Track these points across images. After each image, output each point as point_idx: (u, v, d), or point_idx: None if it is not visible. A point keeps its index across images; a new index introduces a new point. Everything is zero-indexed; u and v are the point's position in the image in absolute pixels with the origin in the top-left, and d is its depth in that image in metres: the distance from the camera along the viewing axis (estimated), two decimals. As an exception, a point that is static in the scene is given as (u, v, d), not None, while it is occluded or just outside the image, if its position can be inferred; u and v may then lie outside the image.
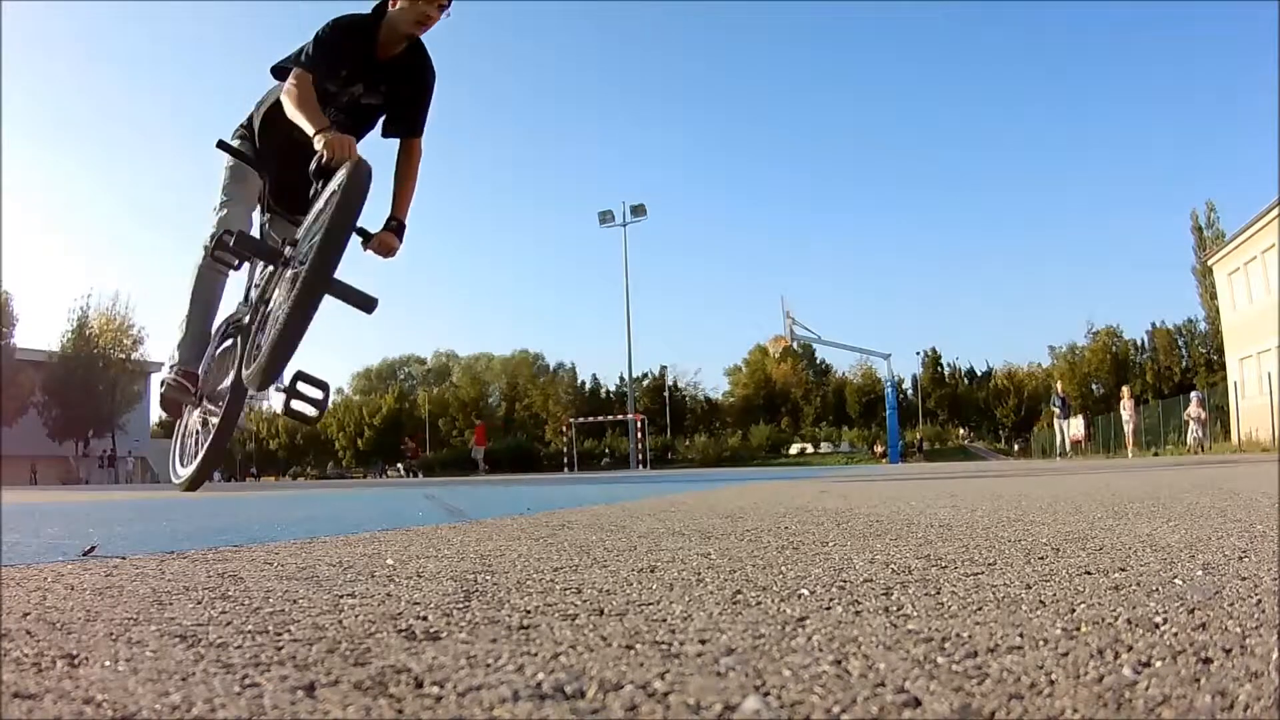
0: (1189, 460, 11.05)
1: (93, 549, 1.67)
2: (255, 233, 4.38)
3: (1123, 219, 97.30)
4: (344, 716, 0.54)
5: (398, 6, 3.84)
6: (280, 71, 4.03)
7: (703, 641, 0.74)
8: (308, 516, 2.95)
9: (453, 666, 0.66)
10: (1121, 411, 24.33)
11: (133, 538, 2.10)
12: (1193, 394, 24.27)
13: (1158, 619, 0.79)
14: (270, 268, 4.00)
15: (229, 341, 4.47)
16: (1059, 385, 26.50)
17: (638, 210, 42.49)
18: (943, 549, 1.40)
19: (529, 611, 0.91)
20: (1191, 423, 22.31)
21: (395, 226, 4.16)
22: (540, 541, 1.70)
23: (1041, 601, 0.90)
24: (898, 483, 4.87)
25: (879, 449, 48.77)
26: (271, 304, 3.78)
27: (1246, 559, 1.17)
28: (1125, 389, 26.00)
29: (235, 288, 4.54)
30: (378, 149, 4.07)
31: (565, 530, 1.97)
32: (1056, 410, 23.48)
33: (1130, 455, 21.65)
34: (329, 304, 3.49)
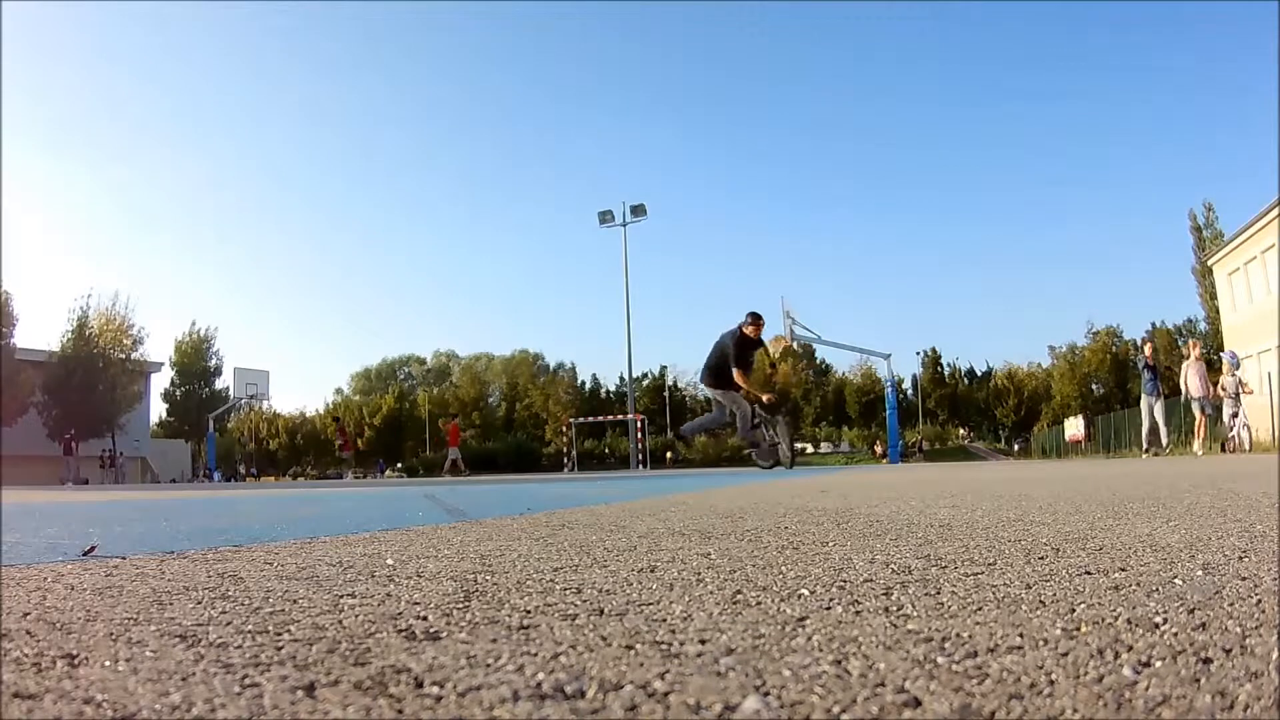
0: (1233, 461, 8.17)
1: (93, 549, 1.67)
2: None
3: (1123, 219, 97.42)
4: (344, 716, 0.54)
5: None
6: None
7: (703, 641, 0.74)
8: (308, 516, 2.95)
9: (453, 666, 0.66)
10: (1186, 384, 15.04)
11: (133, 538, 2.10)
12: (1225, 355, 16.25)
13: (1158, 619, 0.79)
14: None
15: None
16: (1148, 349, 15.90)
17: (638, 210, 42.43)
18: (943, 549, 1.40)
19: (529, 611, 0.91)
20: (1226, 402, 14.97)
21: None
22: (540, 541, 1.70)
23: (1041, 601, 0.90)
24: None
25: (879, 449, 48.78)
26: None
27: (1246, 559, 1.17)
28: (1191, 345, 16.19)
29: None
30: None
31: (565, 530, 1.97)
32: (1144, 379, 15.35)
33: (1199, 450, 14.19)
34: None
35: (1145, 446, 15.45)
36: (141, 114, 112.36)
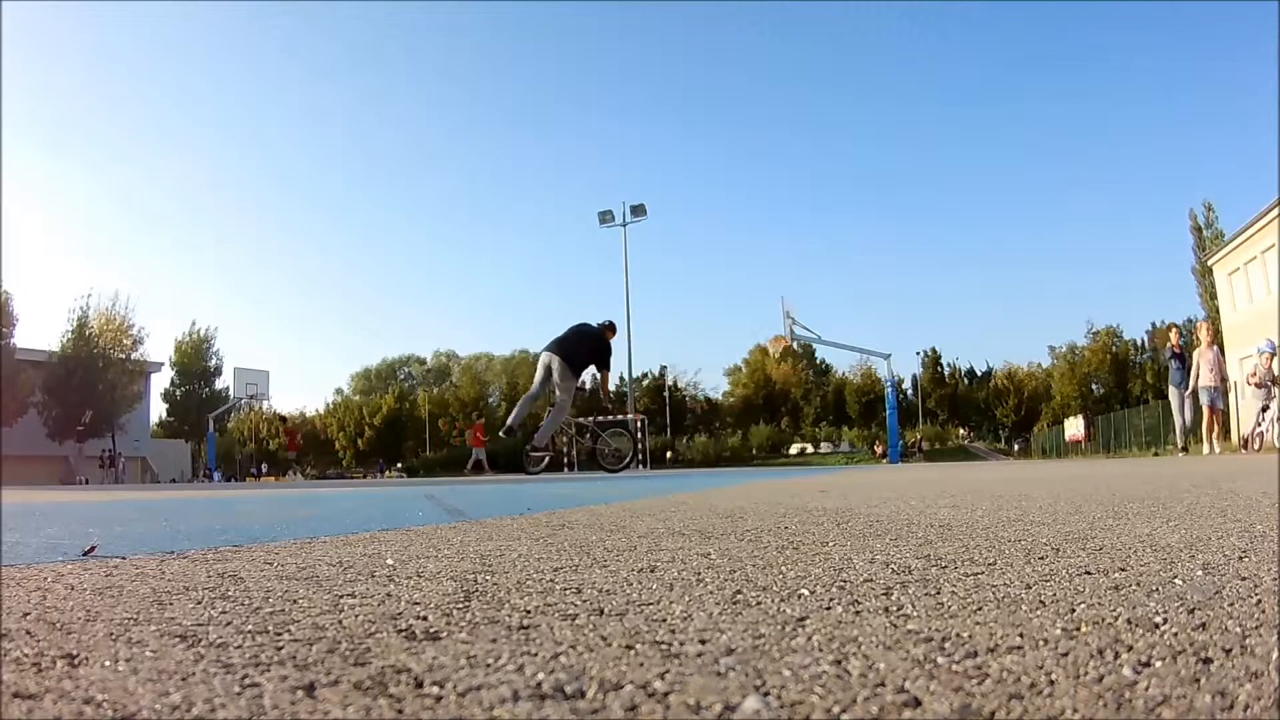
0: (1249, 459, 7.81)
1: (93, 549, 1.67)
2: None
3: (1123, 219, 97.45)
4: (344, 716, 0.54)
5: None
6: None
7: (703, 641, 0.74)
8: (308, 516, 2.95)
9: (453, 666, 0.66)
10: (1196, 373, 13.31)
11: (133, 538, 2.10)
12: (1265, 345, 13.53)
13: (1158, 619, 0.79)
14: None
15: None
16: (1174, 336, 14.60)
17: (638, 210, 42.39)
18: (943, 549, 1.40)
19: (529, 611, 0.91)
20: (1256, 394, 13.35)
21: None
22: (540, 541, 1.70)
23: (1041, 601, 0.90)
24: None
25: (879, 449, 48.80)
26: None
27: (1246, 559, 1.17)
28: (1202, 328, 14.09)
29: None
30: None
31: (565, 530, 1.97)
32: (1172, 371, 13.96)
33: (1215, 447, 12.96)
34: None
35: (1180, 445, 14.01)
36: (141, 114, 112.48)
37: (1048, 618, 0.81)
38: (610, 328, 10.15)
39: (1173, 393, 14.08)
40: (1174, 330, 15.44)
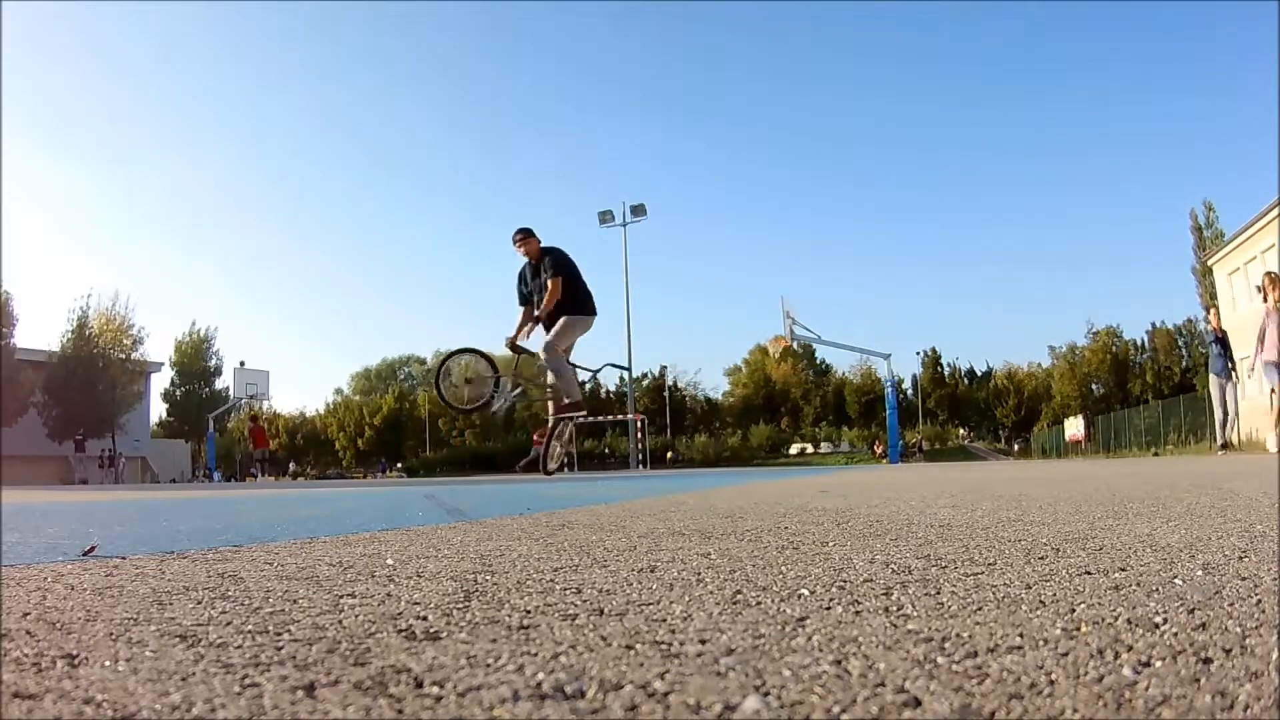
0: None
1: (93, 549, 1.67)
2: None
3: (1123, 219, 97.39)
4: (344, 716, 0.54)
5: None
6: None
7: (703, 641, 0.74)
8: (308, 516, 2.95)
9: (453, 666, 0.66)
10: (1261, 342, 10.67)
11: (133, 538, 2.10)
12: None
13: (1158, 619, 0.79)
14: None
15: None
16: (1214, 317, 12.28)
17: (638, 210, 42.43)
18: (943, 549, 1.40)
19: (529, 611, 0.91)
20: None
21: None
22: (540, 541, 1.70)
23: (1041, 601, 0.90)
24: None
25: (879, 449, 48.81)
26: None
27: (1246, 559, 1.17)
28: (1270, 283, 10.52)
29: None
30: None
31: (565, 530, 1.97)
32: (1213, 355, 11.94)
33: (1272, 444, 10.96)
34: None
35: (1220, 441, 12.05)
36: (141, 114, 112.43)
37: (1048, 618, 0.81)
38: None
39: (1213, 381, 11.89)
40: (1214, 311, 13.01)
